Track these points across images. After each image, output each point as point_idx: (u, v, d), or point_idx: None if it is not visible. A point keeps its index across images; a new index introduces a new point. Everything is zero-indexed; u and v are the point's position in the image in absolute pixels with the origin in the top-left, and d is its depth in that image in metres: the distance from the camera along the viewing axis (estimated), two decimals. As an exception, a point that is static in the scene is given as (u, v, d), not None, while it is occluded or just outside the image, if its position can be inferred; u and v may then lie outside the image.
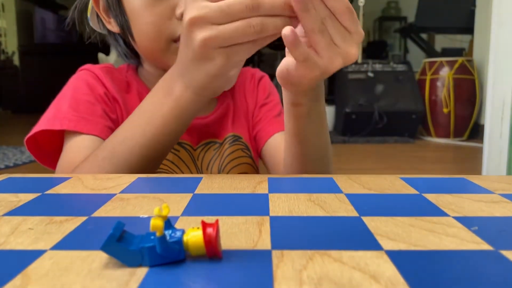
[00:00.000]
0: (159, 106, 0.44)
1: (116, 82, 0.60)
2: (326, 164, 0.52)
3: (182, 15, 0.44)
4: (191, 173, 0.60)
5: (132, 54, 0.62)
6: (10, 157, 2.65)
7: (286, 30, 0.35)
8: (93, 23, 0.63)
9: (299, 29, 0.36)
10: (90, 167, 0.46)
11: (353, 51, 0.38)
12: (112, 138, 0.47)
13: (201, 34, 0.36)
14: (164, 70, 0.45)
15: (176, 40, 0.54)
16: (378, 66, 3.40)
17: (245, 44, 0.36)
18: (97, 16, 0.61)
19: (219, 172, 0.61)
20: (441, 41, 4.52)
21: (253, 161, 0.65)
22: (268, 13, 0.35)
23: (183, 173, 0.59)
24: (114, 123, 0.56)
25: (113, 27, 0.59)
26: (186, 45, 0.38)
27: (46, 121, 0.54)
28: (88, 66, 0.61)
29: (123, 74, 0.63)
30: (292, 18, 0.35)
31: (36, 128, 0.54)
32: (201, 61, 0.38)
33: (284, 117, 0.48)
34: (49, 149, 0.57)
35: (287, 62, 0.40)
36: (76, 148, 0.52)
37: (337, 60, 0.37)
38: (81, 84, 0.58)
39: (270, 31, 0.35)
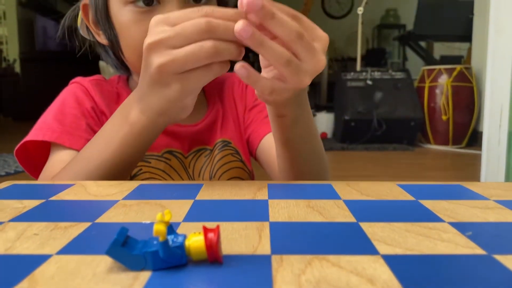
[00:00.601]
0: (116, 130, 0.44)
1: (106, 94, 0.60)
2: (319, 165, 0.52)
3: None
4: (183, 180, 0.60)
5: (122, 66, 0.62)
6: (11, 164, 2.65)
7: (237, 66, 0.34)
8: (83, 33, 0.63)
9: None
10: None
11: (322, 62, 0.37)
12: (76, 158, 0.48)
13: (158, 60, 0.36)
14: None
15: None
16: (377, 74, 3.42)
17: (199, 70, 0.36)
18: (87, 27, 0.61)
19: (210, 179, 0.61)
20: (440, 48, 4.55)
21: (244, 164, 0.65)
22: (222, 36, 0.35)
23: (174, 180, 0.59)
24: None
25: (102, 39, 0.59)
26: (145, 70, 0.39)
27: (32, 132, 0.55)
28: (78, 79, 0.61)
29: (113, 86, 0.63)
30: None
31: (24, 140, 0.54)
32: (157, 86, 0.38)
33: (271, 127, 0.48)
34: (40, 162, 0.58)
35: None
36: (57, 161, 0.53)
37: (306, 78, 0.37)
38: (69, 98, 0.58)
39: (224, 55, 0.35)
